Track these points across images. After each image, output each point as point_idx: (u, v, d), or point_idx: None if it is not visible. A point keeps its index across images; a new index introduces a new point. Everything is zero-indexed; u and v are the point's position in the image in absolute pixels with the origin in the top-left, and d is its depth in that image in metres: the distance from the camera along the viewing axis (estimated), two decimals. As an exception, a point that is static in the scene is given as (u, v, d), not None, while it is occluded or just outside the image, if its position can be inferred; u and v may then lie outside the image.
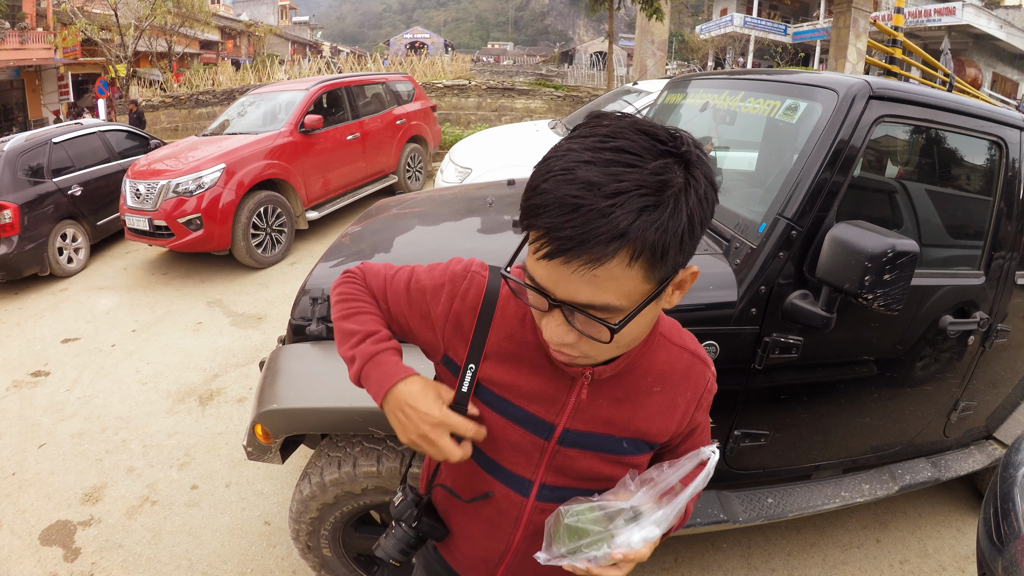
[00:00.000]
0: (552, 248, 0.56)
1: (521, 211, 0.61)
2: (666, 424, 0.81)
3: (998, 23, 22.85)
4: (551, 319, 0.65)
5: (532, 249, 0.60)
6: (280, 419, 1.57)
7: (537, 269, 0.61)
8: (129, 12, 17.06)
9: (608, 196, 0.54)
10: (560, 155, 0.59)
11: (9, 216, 4.91)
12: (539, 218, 0.57)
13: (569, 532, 0.71)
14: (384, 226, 2.30)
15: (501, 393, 0.78)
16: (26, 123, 19.45)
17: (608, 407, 0.78)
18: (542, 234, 0.57)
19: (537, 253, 0.58)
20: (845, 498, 1.94)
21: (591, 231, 0.54)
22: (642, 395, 0.79)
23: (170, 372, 3.60)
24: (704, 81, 2.41)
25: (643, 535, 0.69)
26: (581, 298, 0.59)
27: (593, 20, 46.45)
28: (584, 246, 0.55)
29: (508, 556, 0.86)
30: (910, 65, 11.22)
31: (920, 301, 1.74)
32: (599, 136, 0.58)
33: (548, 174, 0.58)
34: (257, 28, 32.51)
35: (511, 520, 0.83)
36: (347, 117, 6.30)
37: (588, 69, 25.03)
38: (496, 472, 0.81)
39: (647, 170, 0.55)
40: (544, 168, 0.59)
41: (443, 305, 0.80)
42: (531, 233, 0.60)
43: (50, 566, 2.21)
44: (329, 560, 1.78)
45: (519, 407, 0.77)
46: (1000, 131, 1.77)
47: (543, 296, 0.62)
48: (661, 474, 0.73)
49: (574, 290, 0.59)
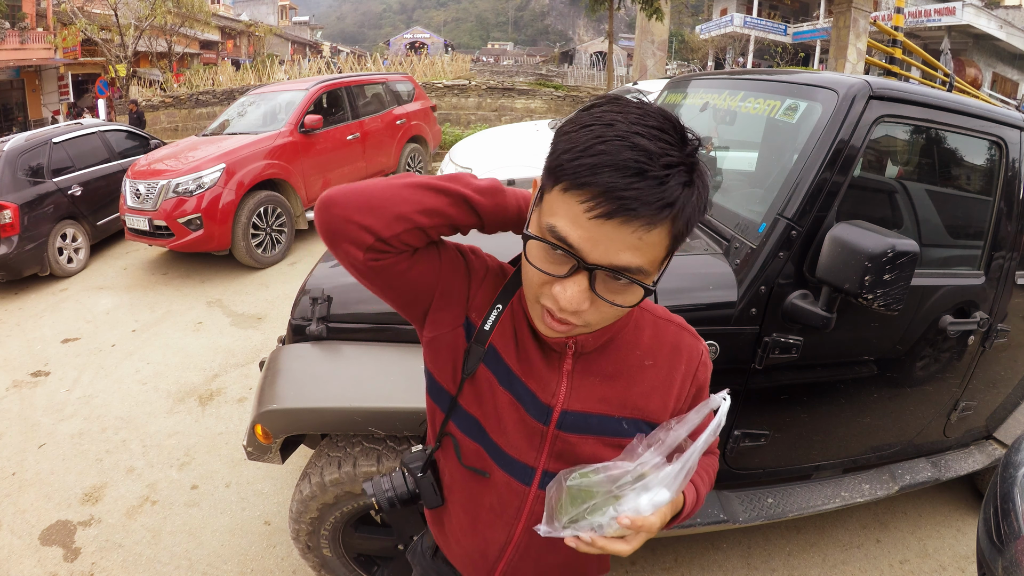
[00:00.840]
0: (612, 207, 0.57)
1: (564, 168, 0.59)
2: (664, 400, 0.80)
3: (998, 23, 22.84)
4: (571, 284, 0.63)
5: (577, 209, 0.59)
6: (280, 419, 1.57)
7: (575, 230, 0.59)
8: (129, 12, 17.07)
9: (663, 167, 0.57)
10: (606, 122, 0.59)
11: (9, 216, 4.91)
12: (597, 176, 0.57)
13: (571, 497, 0.66)
14: (384, 226, 2.29)
15: (509, 364, 0.77)
16: (26, 123, 19.46)
17: (601, 384, 0.78)
18: (598, 193, 0.57)
19: (590, 212, 0.58)
20: (845, 498, 1.94)
21: (652, 195, 0.57)
22: (635, 370, 0.79)
23: (170, 372, 3.60)
24: (704, 81, 2.41)
25: (651, 498, 0.64)
26: (621, 261, 0.60)
27: (593, 20, 46.48)
28: (647, 207, 0.57)
29: (509, 549, 0.85)
30: (910, 65, 11.21)
31: (920, 301, 1.74)
32: (638, 112, 0.60)
33: (600, 138, 0.58)
34: (257, 28, 32.49)
35: (513, 509, 0.82)
36: (347, 117, 6.30)
37: (588, 69, 25.04)
38: (499, 458, 0.80)
39: (684, 151, 0.59)
40: (591, 132, 0.59)
41: (484, 260, 0.83)
42: (572, 191, 0.59)
43: (50, 566, 2.21)
44: (329, 560, 1.78)
45: (521, 381, 0.77)
46: (1000, 131, 1.77)
47: (572, 257, 0.61)
48: (668, 432, 0.69)
49: (615, 252, 0.59)
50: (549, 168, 0.62)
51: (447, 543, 0.93)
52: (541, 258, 0.64)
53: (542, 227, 0.63)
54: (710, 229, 1.80)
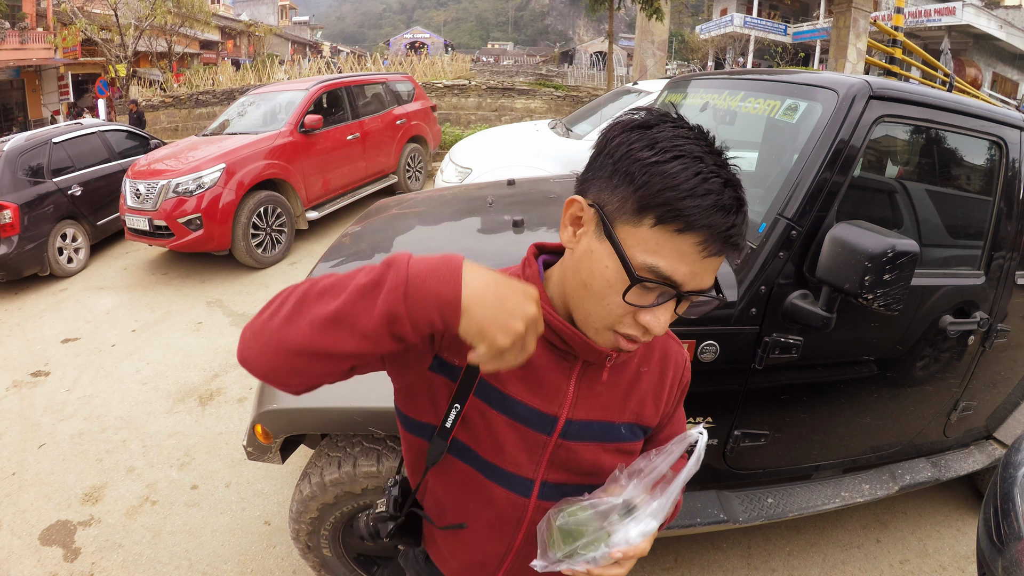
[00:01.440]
0: (723, 246, 0.61)
1: (672, 208, 0.59)
2: (656, 404, 0.84)
3: (998, 23, 22.84)
4: (662, 312, 0.65)
5: (690, 249, 0.61)
6: (280, 419, 1.57)
7: (682, 267, 0.62)
8: (129, 12, 17.06)
9: (742, 197, 0.63)
10: (694, 155, 0.61)
11: (9, 216, 4.91)
12: (711, 218, 0.60)
13: (563, 535, 0.69)
14: (384, 226, 2.30)
15: (504, 389, 0.75)
16: (26, 123, 19.45)
17: (604, 391, 0.78)
18: (713, 235, 0.60)
19: (704, 251, 0.61)
20: (845, 498, 1.94)
21: (745, 229, 0.63)
22: (632, 376, 0.81)
23: (170, 372, 3.60)
24: (704, 81, 2.41)
25: (640, 529, 0.67)
26: (706, 284, 0.65)
27: (593, 20, 46.46)
28: (744, 240, 0.63)
29: (509, 558, 0.84)
30: (910, 65, 11.21)
31: (920, 301, 1.74)
32: (704, 138, 0.64)
33: (700, 175, 0.60)
34: (257, 28, 32.49)
35: (512, 522, 0.81)
36: (347, 117, 6.30)
37: (588, 69, 25.05)
38: (496, 476, 0.78)
39: (731, 169, 0.64)
40: (684, 166, 0.60)
41: None
42: (685, 233, 0.60)
43: (50, 566, 2.21)
44: (329, 560, 1.78)
45: (521, 403, 0.75)
46: (1000, 131, 1.77)
47: (669, 288, 0.63)
48: (649, 463, 0.71)
49: (707, 279, 0.64)
50: (644, 203, 0.60)
51: (441, 557, 0.91)
52: (631, 294, 0.64)
53: (636, 264, 0.62)
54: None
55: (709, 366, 1.59)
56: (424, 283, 0.55)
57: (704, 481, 1.85)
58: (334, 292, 0.57)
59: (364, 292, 0.55)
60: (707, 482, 1.86)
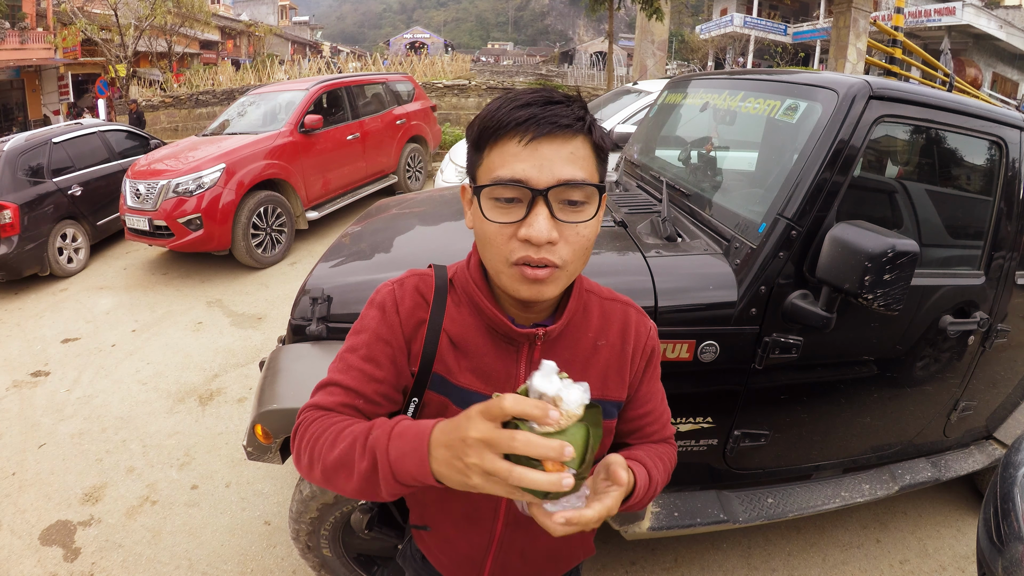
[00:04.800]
0: (540, 128, 0.66)
1: (486, 131, 0.69)
2: (621, 376, 0.83)
3: (998, 23, 22.84)
4: (534, 217, 0.67)
5: (512, 147, 0.67)
6: (280, 419, 1.57)
7: (517, 164, 0.66)
8: (129, 12, 17.06)
9: (562, 98, 0.69)
10: (500, 99, 0.70)
11: (9, 216, 4.91)
12: (517, 114, 0.66)
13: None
14: (384, 226, 2.30)
15: (456, 382, 0.78)
16: (26, 123, 19.45)
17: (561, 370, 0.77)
18: (524, 123, 0.66)
19: (523, 140, 0.66)
20: (845, 498, 1.94)
21: (566, 112, 0.67)
22: (589, 352, 0.81)
23: (170, 372, 3.60)
24: (704, 81, 2.41)
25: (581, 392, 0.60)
26: (565, 175, 0.67)
27: (593, 20, 46.47)
28: (566, 118, 0.67)
29: (493, 548, 0.86)
30: (910, 65, 11.21)
31: (920, 301, 1.74)
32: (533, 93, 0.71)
33: (505, 99, 0.69)
34: (257, 28, 32.48)
35: (489, 511, 0.83)
36: (347, 117, 6.30)
37: (588, 69, 25.06)
38: None
39: (575, 103, 0.70)
40: (493, 106, 0.70)
41: (396, 321, 0.79)
42: (503, 138, 0.67)
43: (50, 566, 2.21)
44: (329, 560, 1.78)
45: (475, 392, 0.77)
46: (1000, 131, 1.77)
47: (524, 189, 0.66)
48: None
49: (557, 170, 0.67)
50: (477, 144, 0.71)
51: (431, 553, 0.94)
52: (498, 213, 0.69)
53: (485, 183, 0.70)
54: (710, 229, 1.80)
55: (709, 366, 1.59)
56: (404, 465, 0.64)
57: (704, 481, 1.85)
58: (345, 472, 0.69)
59: (367, 477, 0.67)
60: (707, 482, 1.86)
